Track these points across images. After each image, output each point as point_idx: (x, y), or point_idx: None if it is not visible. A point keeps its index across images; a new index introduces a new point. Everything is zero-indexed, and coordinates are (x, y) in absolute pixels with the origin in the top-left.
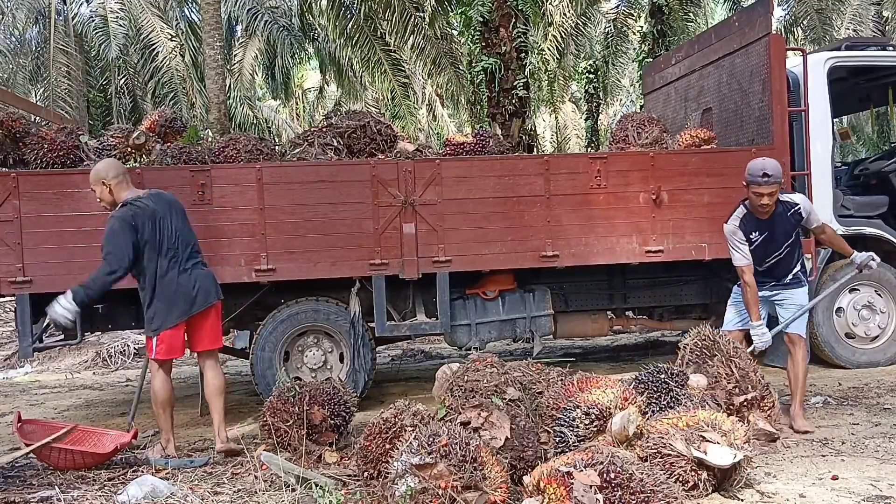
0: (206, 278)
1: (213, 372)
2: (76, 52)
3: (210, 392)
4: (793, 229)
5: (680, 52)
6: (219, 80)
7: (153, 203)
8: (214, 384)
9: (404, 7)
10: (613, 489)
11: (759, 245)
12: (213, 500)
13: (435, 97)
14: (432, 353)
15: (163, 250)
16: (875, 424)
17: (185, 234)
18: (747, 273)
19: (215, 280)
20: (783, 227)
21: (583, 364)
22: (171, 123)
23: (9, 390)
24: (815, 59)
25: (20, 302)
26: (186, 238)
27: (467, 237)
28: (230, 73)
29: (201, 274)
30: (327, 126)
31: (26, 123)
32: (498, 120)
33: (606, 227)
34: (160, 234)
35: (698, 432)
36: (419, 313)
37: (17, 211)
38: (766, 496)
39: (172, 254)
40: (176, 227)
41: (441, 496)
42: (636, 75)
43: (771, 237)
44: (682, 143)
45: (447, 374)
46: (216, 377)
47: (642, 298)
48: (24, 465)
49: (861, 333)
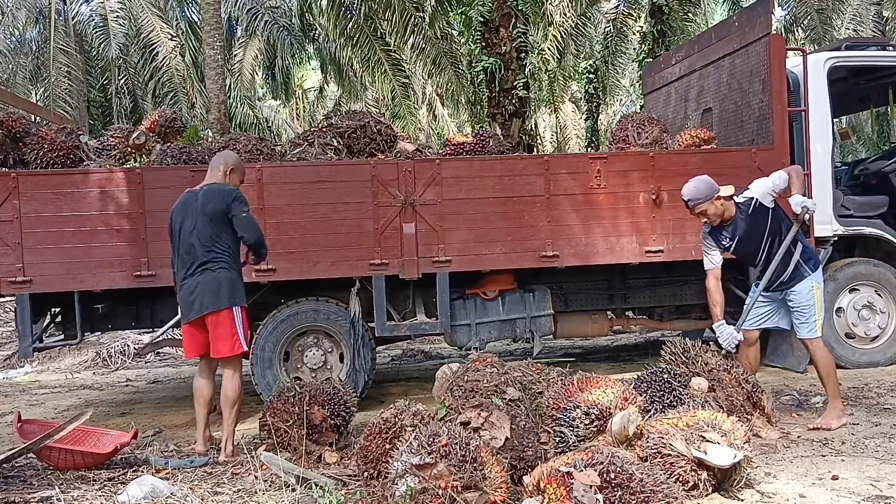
0: (208, 285)
1: (225, 381)
2: (76, 52)
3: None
4: (763, 222)
5: (680, 52)
6: (219, 80)
7: (180, 201)
8: (222, 394)
9: (404, 7)
10: (613, 489)
11: (736, 247)
12: (213, 500)
13: (435, 97)
14: (432, 353)
15: (179, 250)
16: (875, 424)
17: (205, 235)
18: (710, 278)
19: (222, 286)
20: (749, 224)
21: (583, 364)
22: (171, 123)
23: (9, 390)
24: (815, 59)
25: (20, 302)
26: (205, 239)
27: (467, 237)
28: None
29: (205, 280)
30: (327, 126)
31: (26, 123)
32: (498, 120)
33: (606, 227)
34: (178, 233)
35: (698, 432)
36: (419, 313)
37: (17, 211)
38: (766, 496)
39: (185, 254)
40: (195, 228)
41: (441, 496)
42: (636, 75)
43: (744, 237)
44: (682, 143)
45: (447, 374)
46: (224, 386)
47: (642, 298)
48: (24, 465)
49: (861, 333)
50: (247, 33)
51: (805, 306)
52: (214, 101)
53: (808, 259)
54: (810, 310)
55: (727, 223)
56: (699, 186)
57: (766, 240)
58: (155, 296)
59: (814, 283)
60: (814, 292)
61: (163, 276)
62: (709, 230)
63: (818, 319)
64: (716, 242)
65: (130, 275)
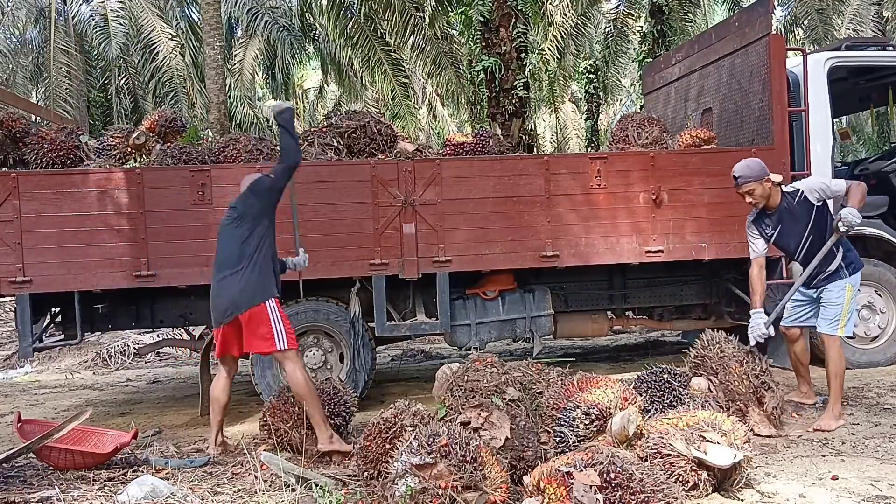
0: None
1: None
2: (76, 52)
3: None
4: (807, 216)
5: (680, 52)
6: (219, 80)
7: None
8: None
9: (404, 7)
10: (613, 489)
11: (777, 238)
12: (213, 500)
13: (435, 97)
14: (432, 353)
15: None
16: (875, 424)
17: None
18: (753, 266)
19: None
20: (792, 216)
21: (583, 364)
22: (171, 123)
23: (9, 390)
24: (815, 59)
25: (20, 302)
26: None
27: (467, 237)
28: (230, 73)
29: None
30: (327, 126)
31: (26, 123)
32: (498, 120)
33: (606, 227)
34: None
35: (698, 432)
36: (419, 313)
37: (17, 211)
38: (766, 496)
39: (218, 258)
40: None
41: (441, 496)
42: (636, 75)
43: (785, 229)
44: (682, 143)
45: (447, 374)
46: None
47: (642, 298)
48: (24, 464)
49: (861, 333)
50: (247, 33)
51: (834, 303)
52: (214, 101)
53: (850, 263)
54: (838, 308)
55: (772, 211)
56: (751, 165)
57: (808, 235)
58: (155, 296)
59: (848, 284)
60: (845, 292)
61: (163, 276)
62: (752, 219)
63: (843, 319)
64: (759, 231)
65: (130, 275)
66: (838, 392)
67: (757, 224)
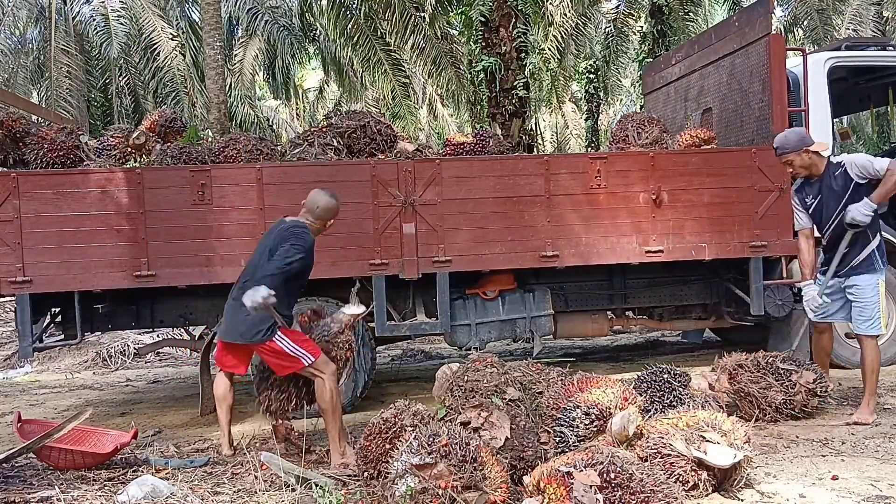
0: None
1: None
2: (77, 52)
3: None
4: (843, 190)
5: (680, 52)
6: (219, 80)
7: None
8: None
9: (404, 7)
10: (613, 489)
11: (814, 209)
12: (213, 500)
13: (435, 97)
14: (432, 353)
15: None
16: (875, 424)
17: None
18: (800, 238)
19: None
20: (831, 190)
21: (583, 364)
22: (172, 123)
23: (9, 390)
24: (815, 59)
25: (20, 302)
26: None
27: (467, 237)
28: (231, 73)
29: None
30: (327, 126)
31: (26, 123)
32: (498, 120)
33: (606, 227)
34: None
35: (698, 432)
36: (419, 313)
37: (17, 211)
38: (766, 496)
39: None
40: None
41: (441, 496)
42: (636, 75)
43: (823, 201)
44: (682, 143)
45: (447, 374)
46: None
47: (642, 298)
48: (24, 464)
49: None
50: (247, 33)
51: (869, 302)
52: (215, 101)
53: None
54: (875, 306)
55: (814, 180)
56: (789, 136)
57: (840, 212)
58: (155, 296)
59: (879, 280)
60: (879, 288)
61: (163, 276)
62: (796, 188)
63: (882, 316)
64: (801, 202)
65: (130, 275)
66: (874, 387)
67: (799, 193)
